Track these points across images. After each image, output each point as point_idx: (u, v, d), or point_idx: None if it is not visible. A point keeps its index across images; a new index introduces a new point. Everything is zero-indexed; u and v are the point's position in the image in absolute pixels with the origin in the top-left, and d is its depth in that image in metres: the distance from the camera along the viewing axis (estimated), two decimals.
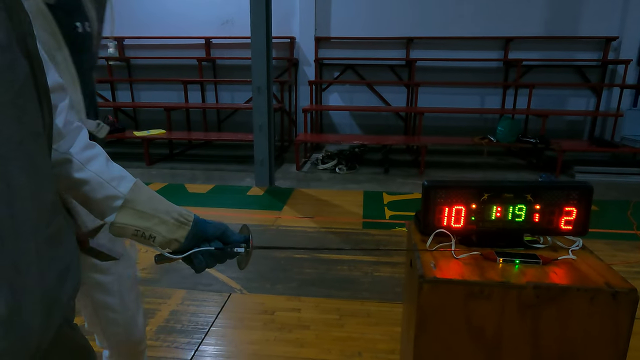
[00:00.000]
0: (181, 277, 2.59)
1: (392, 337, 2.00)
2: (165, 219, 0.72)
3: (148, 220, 0.72)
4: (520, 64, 5.87)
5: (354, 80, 6.44)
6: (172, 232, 0.73)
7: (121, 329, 1.36)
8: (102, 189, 0.70)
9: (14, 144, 0.50)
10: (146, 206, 0.72)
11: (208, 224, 0.78)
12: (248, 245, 0.81)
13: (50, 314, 0.58)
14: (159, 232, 0.72)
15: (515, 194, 1.12)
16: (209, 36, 6.35)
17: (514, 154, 6.06)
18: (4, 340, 0.49)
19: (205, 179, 4.77)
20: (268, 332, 2.05)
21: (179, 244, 0.74)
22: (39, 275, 0.54)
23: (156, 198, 0.74)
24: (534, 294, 0.96)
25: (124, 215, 0.71)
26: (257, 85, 4.18)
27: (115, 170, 0.73)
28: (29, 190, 0.52)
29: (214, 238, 0.77)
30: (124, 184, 0.72)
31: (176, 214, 0.74)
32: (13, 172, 0.49)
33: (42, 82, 0.56)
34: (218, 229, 0.78)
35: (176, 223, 0.73)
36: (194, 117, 6.61)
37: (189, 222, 0.74)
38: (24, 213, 0.51)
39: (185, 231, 0.74)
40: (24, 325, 0.52)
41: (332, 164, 5.18)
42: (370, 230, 3.31)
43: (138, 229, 0.71)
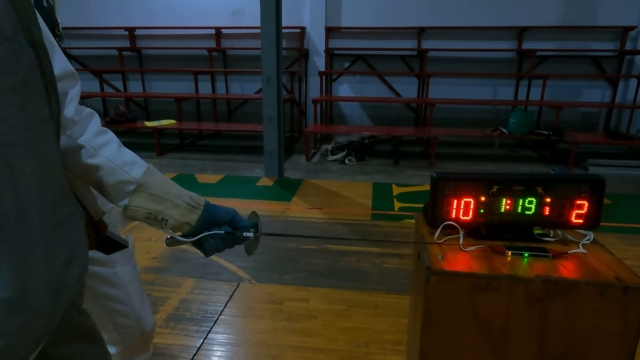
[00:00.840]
0: (191, 266, 2.61)
1: (399, 328, 2.00)
2: (177, 203, 0.74)
3: (161, 203, 0.73)
4: (534, 55, 5.77)
5: (365, 71, 6.39)
6: (184, 215, 0.75)
7: (133, 321, 1.37)
8: (114, 174, 0.71)
9: (19, 132, 0.50)
10: (159, 190, 0.74)
11: (218, 209, 0.79)
12: (257, 231, 0.82)
13: (57, 298, 0.59)
14: (171, 215, 0.74)
15: (526, 187, 1.10)
16: (219, 26, 6.34)
17: (526, 146, 5.98)
18: (12, 322, 0.50)
19: (215, 169, 4.80)
20: (276, 322, 2.07)
21: (190, 227, 0.76)
22: (45, 260, 0.55)
23: (168, 182, 0.76)
24: (543, 287, 0.95)
25: (137, 199, 0.72)
26: (266, 76, 4.17)
27: (127, 156, 0.75)
28: (34, 178, 0.53)
29: (224, 223, 0.79)
30: (136, 168, 0.73)
31: (188, 197, 0.75)
32: (18, 159, 0.50)
33: (48, 71, 0.57)
34: (228, 213, 0.80)
35: (187, 207, 0.75)
36: (204, 108, 6.63)
37: (200, 206, 0.76)
38: (29, 200, 0.52)
39: (196, 215, 0.75)
40: (31, 308, 0.53)
41: (342, 155, 5.17)
42: (379, 221, 3.31)
43: (151, 212, 0.73)
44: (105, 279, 1.26)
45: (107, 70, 6.68)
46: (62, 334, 0.64)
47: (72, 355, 0.70)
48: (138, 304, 1.38)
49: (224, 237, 0.78)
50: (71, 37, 6.77)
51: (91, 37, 6.70)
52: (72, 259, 0.62)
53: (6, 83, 0.48)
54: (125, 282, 1.32)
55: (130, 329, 1.38)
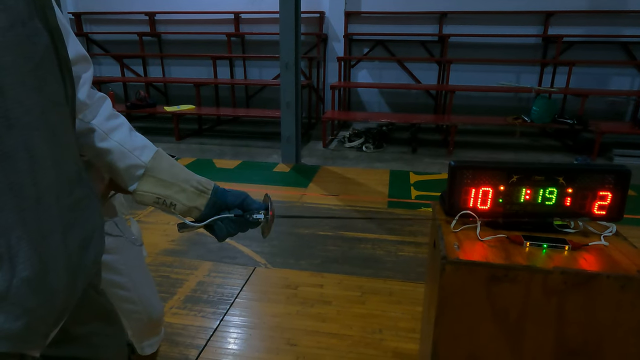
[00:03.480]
0: (208, 250, 2.66)
1: (413, 316, 2.00)
2: (184, 187, 0.74)
3: (168, 188, 0.73)
4: (560, 40, 5.58)
5: (384, 57, 6.29)
6: (192, 200, 0.74)
7: (139, 307, 1.39)
8: (125, 158, 0.72)
9: (36, 114, 0.51)
10: (167, 174, 0.73)
11: (228, 193, 0.78)
12: (267, 213, 0.80)
13: (75, 277, 0.60)
14: (179, 199, 0.74)
15: (547, 177, 1.08)
16: (238, 11, 6.31)
17: (549, 135, 5.83)
18: (33, 300, 0.52)
19: (233, 154, 4.83)
20: (290, 306, 2.09)
21: (199, 212, 0.76)
22: (63, 241, 0.57)
23: (177, 167, 0.76)
24: (561, 279, 0.94)
25: (145, 184, 0.73)
26: (285, 61, 4.15)
27: (138, 140, 0.75)
28: (50, 159, 0.54)
29: (234, 206, 0.78)
30: (146, 152, 0.74)
31: (195, 182, 0.75)
32: (35, 141, 0.51)
33: (63, 54, 0.57)
34: (238, 197, 0.79)
35: (195, 191, 0.75)
36: (222, 93, 6.65)
37: (209, 191, 0.76)
38: (47, 181, 0.53)
39: (205, 199, 0.75)
40: (51, 287, 0.55)
41: (359, 142, 5.14)
42: (395, 209, 3.29)
43: (159, 196, 0.73)
44: (109, 266, 1.27)
45: (127, 55, 6.74)
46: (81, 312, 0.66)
47: (91, 333, 0.72)
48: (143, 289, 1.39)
49: (235, 220, 0.77)
50: (93, 22, 6.84)
51: (112, 22, 6.77)
52: (89, 240, 0.64)
53: (22, 66, 0.49)
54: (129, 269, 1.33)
55: (137, 314, 1.40)
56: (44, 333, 0.57)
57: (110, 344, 0.77)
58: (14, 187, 0.48)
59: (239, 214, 0.78)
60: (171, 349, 1.81)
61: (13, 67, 0.47)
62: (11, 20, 0.47)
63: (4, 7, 0.46)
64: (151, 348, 1.53)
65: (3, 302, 0.49)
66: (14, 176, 0.48)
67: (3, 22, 0.46)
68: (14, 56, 0.48)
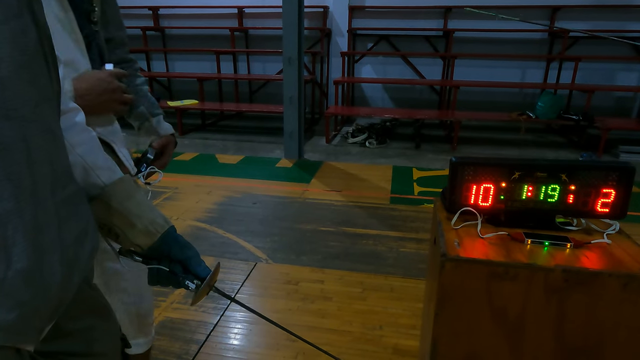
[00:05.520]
0: (210, 244, 2.66)
1: (414, 312, 2.00)
2: (134, 223, 0.71)
3: (118, 218, 0.70)
4: (566, 35, 5.52)
5: (388, 52, 6.25)
6: (138, 238, 0.71)
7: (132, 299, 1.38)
8: (85, 174, 0.70)
9: (32, 106, 0.51)
10: (121, 204, 0.70)
11: (175, 244, 0.74)
12: (201, 285, 0.75)
13: (70, 273, 0.60)
14: (125, 233, 0.71)
15: (549, 173, 1.06)
16: (241, 5, 6.29)
17: (554, 131, 5.79)
18: (26, 292, 0.52)
19: (236, 149, 4.83)
20: (291, 302, 2.09)
21: (140, 249, 0.72)
22: (58, 235, 0.56)
23: (135, 200, 0.72)
24: (562, 277, 0.93)
25: (96, 206, 0.70)
26: (287, 56, 4.13)
27: (104, 161, 0.72)
28: (46, 153, 0.54)
29: (177, 260, 0.74)
30: (107, 175, 0.71)
31: (147, 221, 0.71)
32: (32, 133, 0.51)
33: (50, 51, 0.57)
34: (184, 252, 0.74)
35: (144, 230, 0.71)
36: (226, 88, 6.64)
37: (158, 234, 0.72)
38: (42, 173, 0.53)
39: (150, 241, 0.71)
40: (45, 280, 0.54)
41: (362, 137, 5.12)
42: (398, 205, 3.28)
43: (106, 223, 0.71)
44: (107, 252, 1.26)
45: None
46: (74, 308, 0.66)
47: (85, 328, 0.72)
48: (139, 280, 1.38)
49: (167, 275, 0.73)
50: None
51: None
52: (84, 234, 0.63)
53: (18, 59, 0.49)
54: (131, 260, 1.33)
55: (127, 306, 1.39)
56: (38, 327, 0.57)
57: (104, 339, 0.76)
58: (12, 178, 0.48)
59: (176, 271, 0.73)
60: (172, 343, 1.81)
61: (10, 59, 0.48)
62: (6, 13, 0.48)
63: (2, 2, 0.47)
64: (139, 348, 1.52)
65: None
66: (12, 167, 0.49)
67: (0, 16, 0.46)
68: (11, 49, 0.48)
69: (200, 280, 0.75)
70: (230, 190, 3.51)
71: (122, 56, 1.27)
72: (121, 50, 1.26)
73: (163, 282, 0.74)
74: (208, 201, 3.31)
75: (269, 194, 3.43)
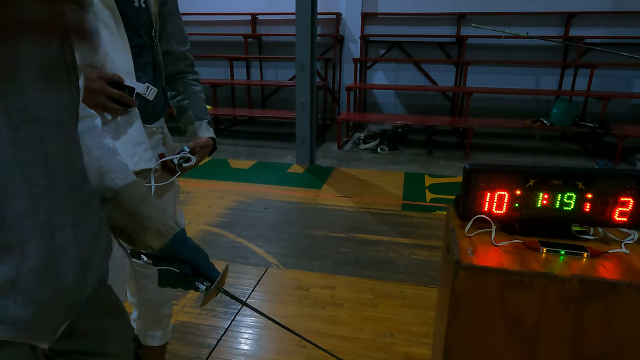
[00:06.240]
0: (222, 249, 2.67)
1: (426, 321, 1.98)
2: (147, 225, 0.72)
3: (130, 219, 0.72)
4: (582, 42, 5.46)
5: (401, 59, 6.25)
6: (149, 239, 0.73)
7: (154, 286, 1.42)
8: (100, 178, 0.71)
9: (50, 110, 0.53)
10: (134, 206, 0.72)
11: (185, 246, 0.75)
12: (210, 287, 0.76)
13: (85, 272, 0.61)
14: (137, 234, 0.73)
15: (565, 181, 1.05)
16: (255, 12, 6.35)
17: (569, 138, 5.71)
18: (40, 289, 0.53)
19: (248, 155, 4.86)
20: (302, 308, 2.08)
21: (152, 251, 0.74)
22: (73, 235, 0.58)
23: (146, 202, 0.74)
24: (579, 287, 0.91)
25: (109, 209, 0.72)
26: (300, 62, 4.15)
27: (118, 165, 0.74)
28: (62, 155, 0.56)
29: (186, 262, 0.75)
30: (121, 178, 0.73)
31: (159, 223, 0.73)
32: (50, 136, 0.53)
33: (71, 60, 0.59)
34: (194, 254, 0.76)
35: (155, 232, 0.73)
36: (238, 94, 6.70)
37: (169, 235, 0.74)
38: (59, 174, 0.55)
39: (161, 242, 0.73)
40: (59, 278, 0.56)
41: (374, 143, 5.11)
42: (410, 212, 3.26)
43: (119, 225, 0.72)
44: None
45: None
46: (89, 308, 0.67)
47: (98, 328, 0.73)
48: None
49: (177, 276, 0.74)
50: None
51: None
52: (97, 235, 0.65)
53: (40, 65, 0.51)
54: None
55: (148, 293, 1.43)
56: (52, 325, 0.58)
57: (117, 339, 0.77)
58: (28, 178, 0.50)
59: (186, 273, 0.74)
60: (183, 347, 1.82)
61: (32, 65, 0.50)
62: None
63: None
64: (153, 340, 1.54)
65: (12, 289, 0.50)
66: (30, 167, 0.50)
67: None
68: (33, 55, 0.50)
69: (209, 282, 0.77)
70: (242, 195, 3.53)
71: (182, 68, 1.36)
72: (182, 62, 1.36)
73: (173, 284, 0.76)
74: (220, 206, 3.33)
75: (281, 199, 3.44)
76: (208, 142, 1.34)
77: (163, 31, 1.26)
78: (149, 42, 1.18)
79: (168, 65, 1.31)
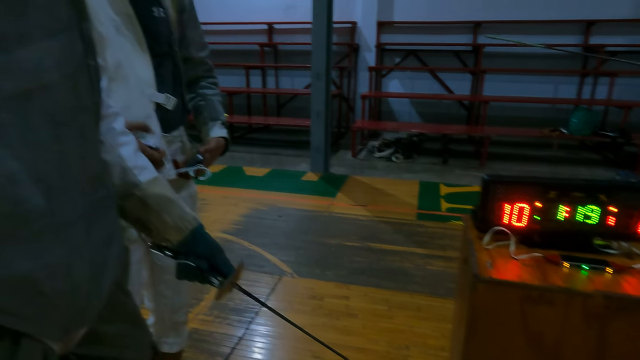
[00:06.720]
0: (236, 256, 2.66)
1: (442, 333, 1.94)
2: (166, 219, 0.75)
3: (151, 214, 0.75)
4: (602, 50, 5.37)
5: (416, 67, 6.23)
6: (168, 233, 0.75)
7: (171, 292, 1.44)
8: (123, 174, 0.74)
9: (71, 113, 0.55)
10: (155, 201, 0.75)
11: (203, 241, 0.78)
12: (223, 282, 0.79)
13: (100, 274, 0.62)
14: (157, 227, 0.75)
15: (587, 194, 1.02)
16: (271, 21, 6.42)
17: (589, 148, 5.59)
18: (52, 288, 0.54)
19: (263, 162, 4.88)
20: (316, 318, 2.07)
21: (171, 244, 0.77)
22: (87, 235, 0.59)
23: (166, 197, 0.76)
24: (603, 303, 0.88)
25: (132, 203, 0.74)
26: (316, 71, 4.17)
27: (141, 160, 0.77)
28: (78, 156, 0.57)
29: (203, 256, 0.77)
30: (145, 174, 0.76)
31: (177, 217, 0.76)
32: (68, 136, 0.54)
33: (93, 64, 0.61)
34: (210, 249, 0.78)
35: (175, 226, 0.75)
36: (254, 102, 6.76)
37: (187, 230, 0.76)
38: (75, 176, 0.56)
39: (180, 236, 0.76)
40: (73, 278, 0.57)
41: (389, 152, 5.09)
42: (425, 221, 3.22)
43: (140, 218, 0.75)
44: None
45: None
46: (108, 311, 0.68)
47: (117, 334, 0.73)
48: None
49: (194, 270, 0.77)
50: None
51: None
52: (110, 237, 0.66)
53: (64, 69, 0.53)
54: None
55: (164, 299, 1.45)
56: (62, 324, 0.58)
57: (135, 345, 0.78)
58: (43, 177, 0.51)
59: (202, 268, 0.77)
60: (197, 355, 1.82)
61: (57, 68, 0.52)
62: (58, 27, 0.52)
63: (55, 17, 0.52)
64: (169, 347, 1.54)
65: (23, 284, 0.51)
66: (45, 166, 0.51)
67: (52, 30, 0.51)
68: (58, 59, 0.52)
69: (224, 277, 0.79)
70: (256, 203, 3.55)
71: (201, 74, 1.40)
72: (200, 68, 1.40)
73: (190, 277, 0.79)
74: (235, 213, 3.34)
75: (295, 207, 3.45)
76: (218, 142, 1.35)
77: (182, 38, 1.28)
78: (169, 51, 1.20)
79: (187, 71, 1.33)
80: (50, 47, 0.51)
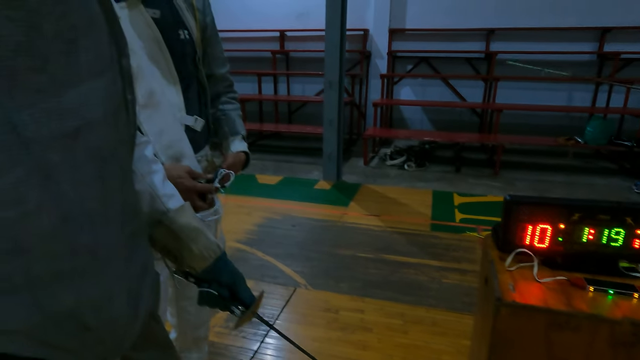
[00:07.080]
0: (250, 267, 2.68)
1: (459, 350, 1.92)
2: (192, 247, 0.76)
3: (178, 242, 0.76)
4: (617, 57, 5.30)
5: (428, 74, 6.22)
6: (194, 261, 0.77)
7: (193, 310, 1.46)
8: (152, 202, 0.75)
9: (112, 149, 0.56)
10: (182, 229, 0.76)
11: (226, 269, 0.79)
12: (244, 312, 0.80)
13: (136, 305, 0.63)
14: (183, 255, 0.77)
15: (613, 216, 1.01)
16: (284, 29, 6.46)
17: (604, 157, 5.52)
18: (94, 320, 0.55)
19: (275, 169, 4.90)
20: (331, 331, 2.06)
21: (194, 271, 0.78)
22: (125, 266, 0.60)
23: (193, 226, 0.78)
24: (631, 331, 0.87)
25: (160, 231, 0.76)
26: (329, 80, 4.18)
27: (169, 189, 0.79)
28: (118, 192, 0.58)
29: (225, 284, 0.79)
30: (172, 201, 0.77)
31: (202, 246, 0.77)
32: (109, 172, 0.56)
33: (131, 97, 0.62)
34: (233, 278, 0.80)
35: (199, 255, 0.77)
36: (266, 109, 6.79)
37: (211, 259, 0.78)
38: (115, 210, 0.57)
39: (204, 264, 0.77)
40: (112, 310, 0.58)
41: (401, 160, 5.07)
42: (439, 232, 3.20)
43: (168, 247, 0.77)
44: None
45: None
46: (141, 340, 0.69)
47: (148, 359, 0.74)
48: None
49: (215, 298, 0.78)
50: None
51: None
52: (144, 268, 0.67)
53: (108, 106, 0.54)
54: None
55: (187, 314, 1.46)
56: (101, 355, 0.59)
57: None
58: (89, 214, 0.52)
59: (225, 296, 0.79)
60: None
61: (102, 106, 0.53)
62: (103, 66, 0.54)
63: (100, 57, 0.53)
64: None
65: (69, 318, 0.52)
66: (91, 203, 0.53)
67: (98, 69, 0.53)
68: (103, 97, 0.53)
69: (245, 307, 0.81)
70: (269, 212, 3.56)
71: (222, 90, 1.42)
72: (221, 84, 1.41)
73: (211, 304, 0.80)
74: (248, 222, 3.36)
75: (308, 217, 3.45)
76: (238, 157, 1.37)
77: (204, 56, 1.29)
78: (195, 71, 1.21)
79: (209, 88, 1.35)
80: (96, 87, 0.52)
